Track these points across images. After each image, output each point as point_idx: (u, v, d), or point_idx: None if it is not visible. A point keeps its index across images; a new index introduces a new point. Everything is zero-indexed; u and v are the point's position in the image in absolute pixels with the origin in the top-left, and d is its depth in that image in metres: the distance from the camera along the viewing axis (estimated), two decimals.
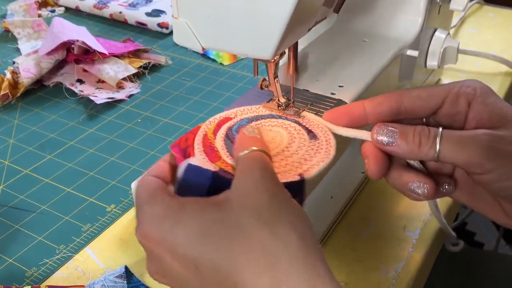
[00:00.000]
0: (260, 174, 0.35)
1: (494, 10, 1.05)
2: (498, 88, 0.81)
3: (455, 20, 0.97)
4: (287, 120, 0.47)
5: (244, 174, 0.35)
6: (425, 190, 0.40)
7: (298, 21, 0.40)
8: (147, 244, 0.35)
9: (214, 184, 0.39)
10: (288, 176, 0.40)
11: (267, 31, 0.38)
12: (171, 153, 0.42)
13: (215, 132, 0.44)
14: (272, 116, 0.47)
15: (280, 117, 0.47)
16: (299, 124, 0.47)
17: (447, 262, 0.85)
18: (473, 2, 1.04)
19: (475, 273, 0.85)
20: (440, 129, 0.39)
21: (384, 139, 0.40)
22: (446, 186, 0.42)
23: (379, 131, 0.41)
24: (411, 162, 0.43)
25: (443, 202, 0.60)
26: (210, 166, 0.40)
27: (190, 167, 0.39)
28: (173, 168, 0.40)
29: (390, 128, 0.40)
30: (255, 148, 0.37)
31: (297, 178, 0.39)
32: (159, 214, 0.34)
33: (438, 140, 0.38)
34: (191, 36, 0.42)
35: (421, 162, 0.42)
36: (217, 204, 0.34)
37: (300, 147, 0.43)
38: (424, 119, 0.43)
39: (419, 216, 0.58)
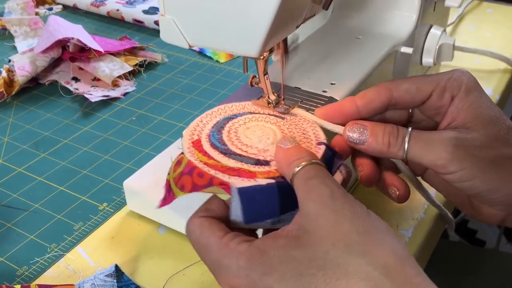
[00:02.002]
0: (328, 193, 0.33)
1: (493, 6, 1.04)
2: (496, 85, 0.80)
3: (453, 17, 0.96)
4: (269, 115, 0.47)
5: (310, 196, 0.33)
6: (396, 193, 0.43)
7: (285, 17, 0.40)
8: None
9: (282, 196, 0.37)
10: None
11: (253, 28, 0.38)
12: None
13: (199, 147, 0.42)
14: (248, 113, 0.47)
15: (255, 113, 0.48)
16: (282, 119, 0.47)
17: (447, 260, 0.84)
18: None
19: (476, 272, 0.85)
20: (410, 129, 0.40)
21: (356, 137, 0.41)
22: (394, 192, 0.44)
23: (351, 130, 0.42)
24: (397, 163, 0.44)
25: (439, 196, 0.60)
26: (261, 181, 0.38)
27: (242, 192, 0.37)
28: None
29: (362, 128, 0.41)
30: (305, 162, 0.36)
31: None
32: (244, 266, 0.33)
33: (406, 140, 0.40)
34: (178, 34, 0.41)
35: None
36: (296, 240, 0.32)
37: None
38: (410, 110, 0.44)
39: (412, 215, 0.58)
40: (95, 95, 0.77)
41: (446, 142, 0.39)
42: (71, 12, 1.07)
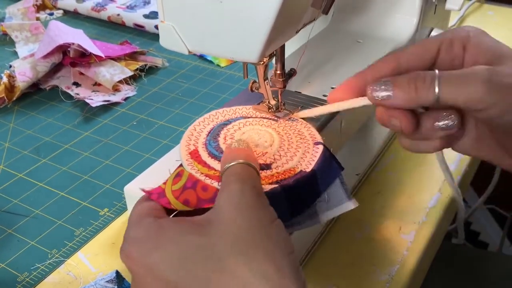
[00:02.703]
0: (239, 191, 0.34)
1: (494, 8, 1.04)
2: None
3: (454, 19, 0.96)
4: (264, 119, 0.47)
5: (225, 192, 0.35)
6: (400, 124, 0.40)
7: (285, 23, 0.40)
8: (129, 264, 0.35)
9: (289, 199, 0.38)
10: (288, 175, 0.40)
11: (252, 33, 0.38)
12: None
13: (197, 158, 0.42)
14: (241, 117, 0.47)
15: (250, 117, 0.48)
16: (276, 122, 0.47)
17: (449, 263, 0.84)
18: (472, 0, 1.03)
19: (478, 275, 0.85)
20: (437, 71, 0.38)
21: (381, 94, 0.39)
22: (446, 120, 0.40)
23: (374, 89, 0.40)
24: None
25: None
26: (266, 187, 0.38)
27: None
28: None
29: (383, 82, 0.39)
30: (241, 161, 0.37)
31: (304, 173, 0.40)
32: (141, 237, 0.35)
33: (436, 81, 0.37)
34: (178, 40, 0.41)
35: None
36: (198, 227, 0.34)
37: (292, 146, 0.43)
38: None
39: (415, 219, 0.57)
40: (96, 100, 0.77)
41: (480, 74, 0.37)
42: (72, 17, 1.07)
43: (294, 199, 0.39)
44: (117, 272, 0.50)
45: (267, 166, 0.41)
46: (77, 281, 0.51)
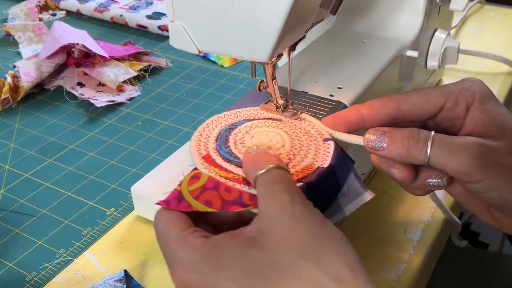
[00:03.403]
0: (289, 199, 0.33)
1: (495, 9, 1.04)
2: (500, 88, 0.81)
3: (456, 20, 0.96)
4: (267, 120, 0.47)
5: (272, 200, 0.34)
6: (401, 175, 0.40)
7: (295, 22, 0.40)
8: None
9: (313, 195, 0.38)
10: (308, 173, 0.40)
11: (263, 33, 0.38)
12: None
13: (211, 162, 0.42)
14: (245, 121, 0.47)
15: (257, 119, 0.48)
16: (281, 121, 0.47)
17: (451, 263, 0.84)
18: (474, 1, 1.04)
19: (479, 275, 0.85)
20: (432, 133, 0.38)
21: (375, 143, 0.40)
22: (437, 180, 0.41)
23: (369, 137, 0.41)
24: None
25: (447, 199, 0.60)
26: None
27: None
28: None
29: (381, 133, 0.40)
30: (272, 165, 0.36)
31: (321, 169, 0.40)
32: (196, 259, 0.33)
33: (429, 144, 0.38)
34: (188, 39, 0.42)
35: None
36: (253, 240, 0.33)
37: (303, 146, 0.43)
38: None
39: (420, 218, 0.58)
40: (100, 100, 0.77)
41: (471, 148, 0.37)
42: (74, 18, 1.07)
43: (320, 195, 0.39)
44: (126, 271, 0.50)
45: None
46: (85, 280, 0.51)
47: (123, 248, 0.55)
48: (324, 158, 0.42)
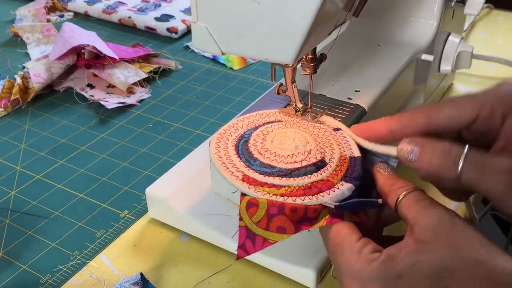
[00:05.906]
0: (444, 210, 0.36)
1: (504, 14, 1.04)
2: None
3: (465, 25, 0.96)
4: (272, 123, 0.48)
5: (429, 213, 0.35)
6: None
7: (320, 25, 0.40)
8: None
9: (362, 192, 0.41)
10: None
11: (289, 34, 0.38)
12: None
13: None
14: (253, 129, 0.47)
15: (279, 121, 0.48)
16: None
17: None
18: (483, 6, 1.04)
19: None
20: (466, 150, 0.36)
21: (406, 155, 0.39)
22: None
23: (402, 147, 0.40)
24: None
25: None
26: (343, 188, 0.40)
27: (340, 208, 0.39)
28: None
29: (414, 145, 0.39)
30: (411, 189, 0.38)
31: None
32: (378, 271, 0.35)
33: (460, 164, 0.36)
34: (211, 41, 0.41)
35: None
36: (423, 246, 0.34)
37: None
38: None
39: None
40: (110, 102, 0.77)
41: (501, 171, 0.35)
42: (82, 19, 1.07)
43: (365, 184, 0.41)
44: (142, 274, 0.50)
45: (322, 163, 0.41)
46: (100, 283, 0.51)
47: (137, 250, 0.54)
48: (349, 148, 0.43)
